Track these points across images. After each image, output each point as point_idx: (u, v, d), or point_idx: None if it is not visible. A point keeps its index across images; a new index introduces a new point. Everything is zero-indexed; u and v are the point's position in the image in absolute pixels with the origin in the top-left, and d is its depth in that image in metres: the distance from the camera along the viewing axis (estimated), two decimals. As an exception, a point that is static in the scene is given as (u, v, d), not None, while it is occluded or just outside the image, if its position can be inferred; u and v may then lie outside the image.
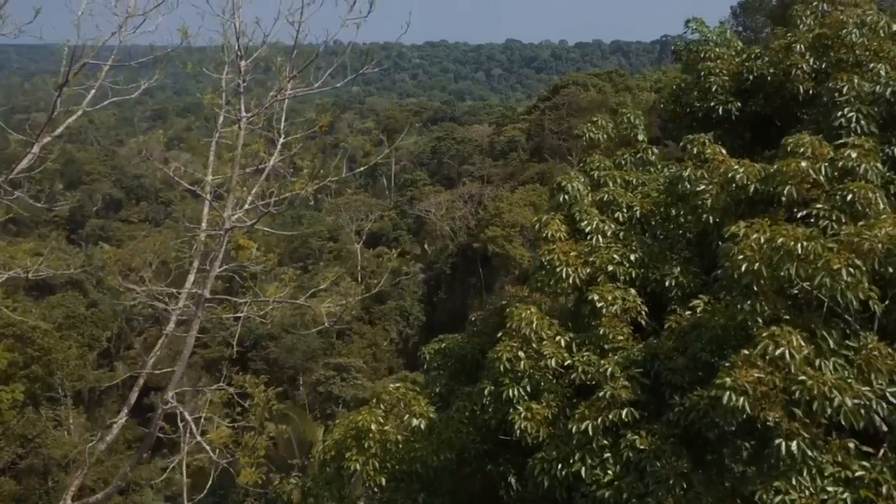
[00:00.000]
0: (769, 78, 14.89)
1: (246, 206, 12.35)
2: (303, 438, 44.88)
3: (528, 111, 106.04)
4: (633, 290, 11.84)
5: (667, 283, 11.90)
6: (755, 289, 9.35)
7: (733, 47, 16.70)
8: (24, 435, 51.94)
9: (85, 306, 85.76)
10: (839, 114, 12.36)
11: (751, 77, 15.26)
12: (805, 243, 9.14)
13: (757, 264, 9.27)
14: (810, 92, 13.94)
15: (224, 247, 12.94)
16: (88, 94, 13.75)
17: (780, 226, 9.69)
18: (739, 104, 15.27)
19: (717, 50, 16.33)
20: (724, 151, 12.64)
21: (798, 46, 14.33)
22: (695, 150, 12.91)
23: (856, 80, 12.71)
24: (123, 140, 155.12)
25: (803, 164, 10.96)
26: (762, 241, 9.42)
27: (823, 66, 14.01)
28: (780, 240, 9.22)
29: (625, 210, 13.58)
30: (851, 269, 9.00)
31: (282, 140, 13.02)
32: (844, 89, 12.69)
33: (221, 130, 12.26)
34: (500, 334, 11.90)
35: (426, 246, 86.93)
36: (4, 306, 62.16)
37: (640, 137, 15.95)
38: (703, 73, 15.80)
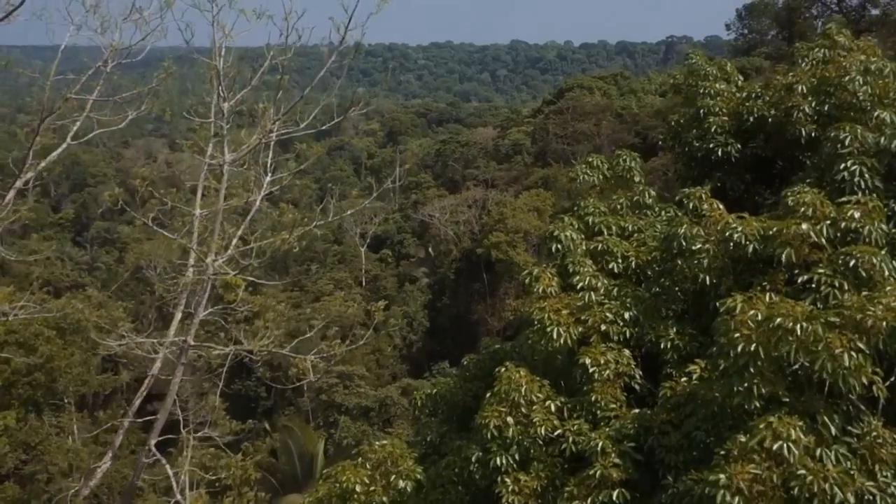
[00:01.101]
0: (770, 119, 14.45)
1: (230, 251, 12.03)
2: (304, 450, 44.62)
3: (532, 114, 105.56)
4: (626, 352, 11.43)
5: (662, 346, 11.46)
6: (752, 370, 8.92)
7: (734, 82, 16.24)
8: (26, 442, 51.97)
9: (95, 305, 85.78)
10: (842, 166, 11.87)
11: (751, 118, 14.81)
12: (805, 324, 8.70)
13: (754, 345, 8.84)
14: (812, 135, 13.51)
15: (208, 293, 12.61)
16: (73, 127, 13.47)
17: (779, 302, 9.22)
18: (739, 146, 14.83)
19: (717, 86, 15.86)
20: (721, 207, 12.19)
21: (800, 87, 13.87)
22: (691, 206, 12.46)
23: (859, 131, 12.20)
24: (129, 142, 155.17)
25: (804, 226, 10.50)
26: (759, 317, 8.98)
27: (826, 108, 13.56)
28: (779, 319, 8.78)
29: (620, 260, 13.15)
30: (854, 353, 8.57)
31: (269, 178, 12.67)
32: (847, 140, 12.18)
33: (208, 166, 11.95)
34: (488, 394, 11.50)
35: (430, 249, 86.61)
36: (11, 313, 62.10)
37: (637, 179, 15.49)
38: (702, 111, 15.36)
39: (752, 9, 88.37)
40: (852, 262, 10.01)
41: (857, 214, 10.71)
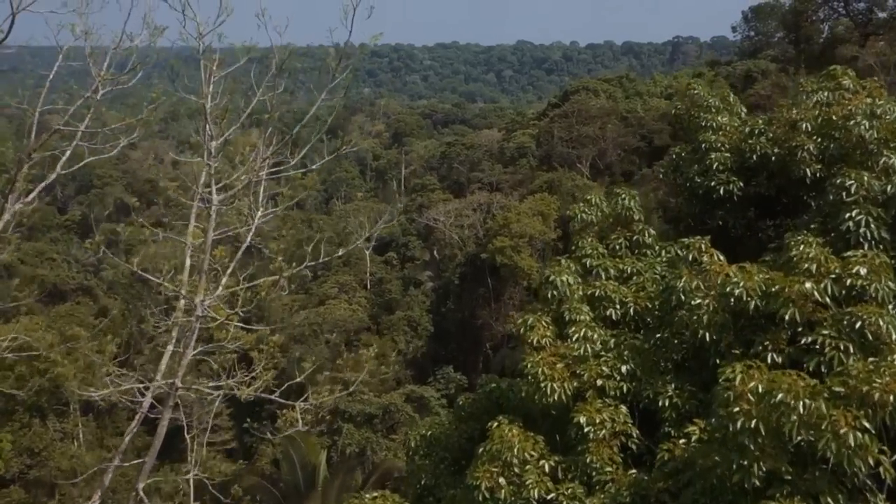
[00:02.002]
0: (773, 157, 14.06)
1: (219, 290, 11.71)
2: (306, 460, 44.26)
3: (538, 116, 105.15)
4: (623, 408, 11.07)
5: (660, 403, 11.09)
6: (752, 446, 8.55)
7: (736, 113, 15.85)
8: (30, 448, 52.03)
9: (95, 314, 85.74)
10: (847, 215, 11.47)
11: (754, 156, 14.42)
12: (808, 401, 8.33)
13: (754, 420, 8.48)
14: (818, 175, 13.10)
15: (196, 334, 12.31)
16: (63, 157, 13.19)
17: (781, 376, 8.82)
18: (742, 184, 14.44)
19: (719, 119, 15.47)
20: (721, 258, 11.79)
21: (804, 125, 13.47)
22: (690, 257, 12.07)
23: (865, 178, 11.78)
24: (136, 143, 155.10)
25: (808, 284, 10.12)
26: (760, 390, 8.61)
27: (831, 148, 13.15)
28: (780, 395, 8.41)
29: (618, 306, 12.79)
30: (859, 433, 8.20)
31: (259, 214, 12.35)
32: (852, 188, 11.77)
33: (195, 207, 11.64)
34: (480, 449, 11.14)
35: (435, 253, 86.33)
36: (15, 321, 62.20)
37: (637, 217, 15.11)
38: (704, 145, 14.98)
39: (758, 11, 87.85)
40: (858, 324, 9.62)
41: (863, 271, 10.31)
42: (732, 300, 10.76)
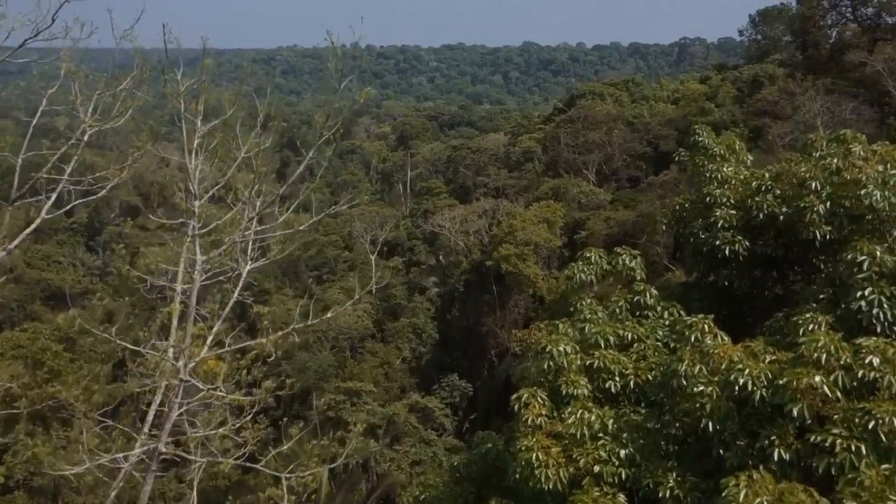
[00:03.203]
0: (781, 217, 13.51)
1: (204, 352, 11.42)
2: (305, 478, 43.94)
3: (543, 120, 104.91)
4: (622, 498, 10.60)
5: (661, 493, 10.60)
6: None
7: (742, 161, 15.36)
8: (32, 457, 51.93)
9: (100, 319, 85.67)
10: (859, 294, 10.98)
11: (761, 215, 13.86)
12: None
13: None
14: (827, 237, 12.61)
15: (179, 396, 11.99)
16: (43, 208, 12.95)
17: (787, 494, 8.39)
18: (748, 243, 13.89)
19: (725, 170, 14.96)
20: (726, 339, 11.28)
21: (813, 184, 12.91)
22: (692, 339, 11.54)
23: (878, 253, 11.29)
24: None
25: (817, 378, 9.62)
26: (765, 504, 8.14)
27: (842, 211, 12.63)
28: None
29: (618, 379, 12.29)
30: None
31: (247, 267, 12.05)
32: (865, 264, 11.27)
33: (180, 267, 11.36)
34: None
35: (441, 257, 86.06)
36: (19, 330, 62.10)
37: (639, 277, 14.57)
38: (708, 199, 14.43)
39: (765, 14, 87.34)
40: (871, 424, 9.11)
41: (876, 361, 9.81)
42: (737, 389, 10.27)
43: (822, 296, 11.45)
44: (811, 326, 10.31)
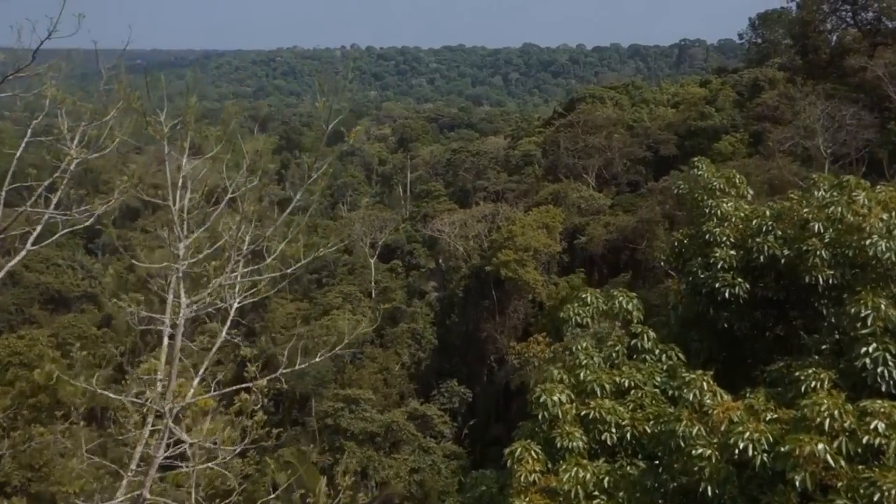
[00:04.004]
0: (783, 260, 13.16)
1: (189, 398, 11.16)
2: (304, 488, 43.64)
3: (543, 123, 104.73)
4: None
5: None
6: None
7: (743, 195, 14.97)
8: (30, 465, 51.74)
9: (98, 323, 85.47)
10: (863, 350, 10.60)
11: (762, 257, 13.51)
12: None
13: None
14: (830, 282, 12.23)
15: (165, 439, 11.72)
16: (33, 234, 12.72)
17: None
18: (748, 286, 13.51)
19: (724, 206, 14.56)
20: (725, 397, 10.93)
21: (816, 226, 12.54)
22: (691, 397, 11.19)
23: (882, 307, 10.91)
24: (142, 148, 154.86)
25: (820, 446, 9.31)
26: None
27: (845, 260, 12.24)
28: None
29: (614, 430, 11.93)
30: None
31: (236, 304, 11.81)
32: (869, 319, 10.88)
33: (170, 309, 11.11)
34: None
35: (440, 261, 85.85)
36: (16, 337, 61.93)
37: (636, 320, 14.12)
38: (707, 236, 14.05)
39: (765, 18, 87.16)
40: (877, 497, 8.81)
41: (881, 426, 9.51)
42: (737, 452, 9.95)
43: (824, 346, 11.11)
44: (813, 384, 10.00)
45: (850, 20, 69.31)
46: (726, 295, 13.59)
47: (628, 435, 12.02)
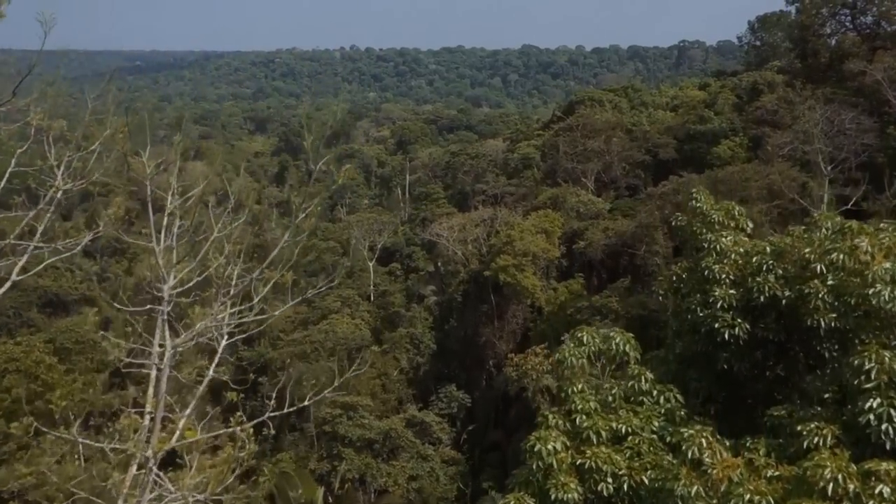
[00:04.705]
0: (784, 301, 12.87)
1: (173, 442, 10.95)
2: (301, 499, 43.50)
3: (542, 127, 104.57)
4: None
5: None
6: None
7: (741, 228, 14.62)
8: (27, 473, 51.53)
9: (96, 327, 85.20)
10: (867, 406, 10.26)
11: (762, 297, 13.20)
12: None
13: None
14: (833, 325, 11.92)
15: (149, 489, 11.51)
16: (14, 270, 12.59)
17: None
18: (748, 326, 13.18)
19: (724, 241, 14.22)
20: (725, 455, 10.59)
21: (818, 267, 12.25)
22: (689, 454, 10.89)
23: (886, 359, 10.56)
24: (139, 151, 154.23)
25: None
26: None
27: (847, 308, 11.89)
28: None
29: (610, 480, 11.62)
30: None
31: (224, 342, 11.61)
32: (873, 372, 10.60)
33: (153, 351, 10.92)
34: None
35: (439, 264, 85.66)
36: (13, 343, 61.75)
37: (633, 361, 13.79)
38: (706, 272, 13.73)
39: (764, 21, 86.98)
40: None
41: (886, 491, 9.24)
42: None
43: (826, 395, 10.81)
44: (816, 440, 9.71)
45: (849, 24, 69.14)
46: (726, 336, 13.22)
47: (625, 486, 11.69)
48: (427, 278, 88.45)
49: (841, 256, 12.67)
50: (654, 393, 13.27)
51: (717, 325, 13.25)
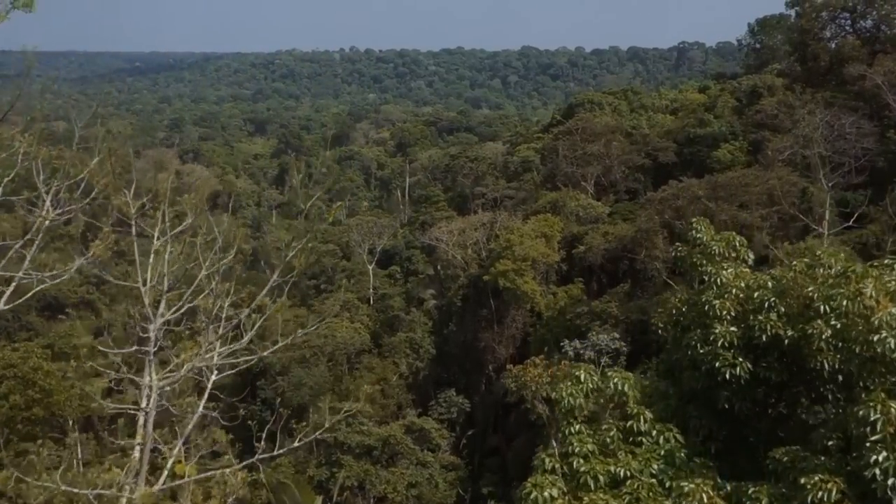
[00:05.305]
0: (786, 341, 12.63)
1: (161, 484, 10.82)
2: (300, 504, 43.15)
3: (542, 129, 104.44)
4: None
5: None
6: None
7: (743, 259, 14.35)
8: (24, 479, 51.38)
9: (94, 331, 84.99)
10: (872, 459, 9.98)
11: (764, 336, 12.96)
12: None
13: None
14: (836, 366, 11.68)
15: None
16: (1, 300, 12.57)
17: None
18: (749, 365, 12.92)
19: (725, 273, 13.96)
20: None
21: (821, 307, 11.96)
22: None
23: (892, 410, 10.32)
24: (140, 152, 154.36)
25: None
26: None
27: (851, 356, 11.62)
28: None
29: None
30: None
31: (213, 377, 11.47)
32: (879, 424, 10.31)
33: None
34: None
35: (439, 268, 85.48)
36: (11, 349, 61.63)
37: (632, 401, 13.49)
38: (707, 308, 13.47)
39: (764, 24, 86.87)
40: None
41: None
42: None
43: (830, 443, 10.54)
44: (820, 494, 9.43)
45: (849, 28, 69.00)
46: (727, 375, 12.95)
47: (624, 535, 11.44)
48: (427, 282, 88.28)
49: (845, 302, 12.36)
50: (654, 433, 13.00)
51: (717, 364, 12.97)
